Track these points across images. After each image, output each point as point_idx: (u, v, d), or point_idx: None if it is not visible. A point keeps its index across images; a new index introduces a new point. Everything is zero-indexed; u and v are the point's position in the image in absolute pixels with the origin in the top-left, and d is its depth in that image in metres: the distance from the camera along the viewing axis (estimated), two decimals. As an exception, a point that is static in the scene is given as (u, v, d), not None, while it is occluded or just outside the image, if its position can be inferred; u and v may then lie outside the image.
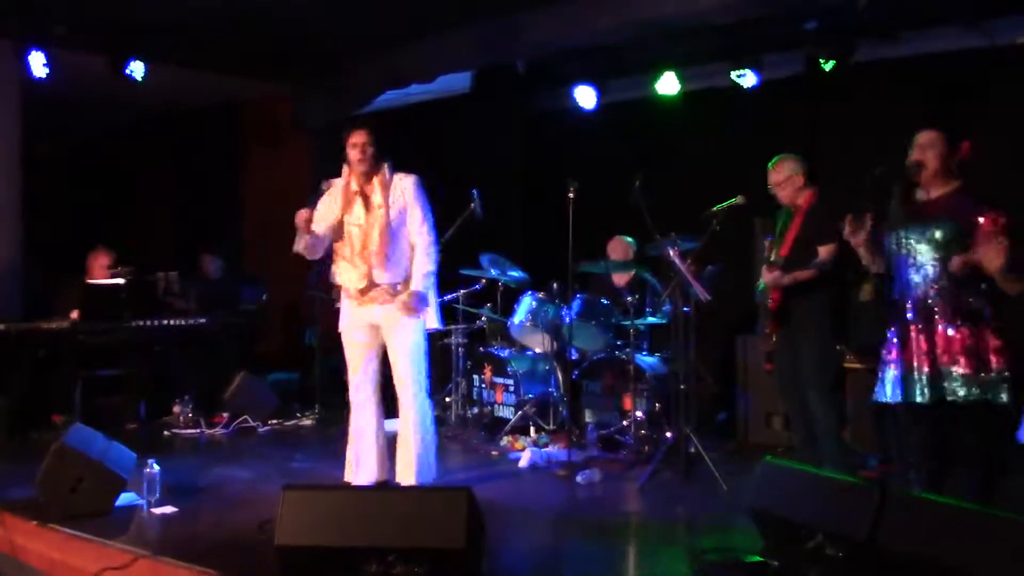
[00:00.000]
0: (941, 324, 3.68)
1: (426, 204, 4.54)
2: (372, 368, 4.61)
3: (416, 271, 4.48)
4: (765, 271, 4.72)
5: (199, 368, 7.10)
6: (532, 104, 8.59)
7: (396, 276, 4.46)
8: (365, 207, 4.48)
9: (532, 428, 6.21)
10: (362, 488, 4.42)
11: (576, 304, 6.02)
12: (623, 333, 6.02)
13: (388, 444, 4.70)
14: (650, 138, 7.68)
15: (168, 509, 4.29)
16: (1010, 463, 3.94)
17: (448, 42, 7.18)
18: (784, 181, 4.74)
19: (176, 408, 6.72)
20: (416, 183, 4.53)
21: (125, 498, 4.34)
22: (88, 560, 3.73)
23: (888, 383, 3.80)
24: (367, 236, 4.45)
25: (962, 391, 3.62)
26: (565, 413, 6.04)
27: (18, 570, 4.01)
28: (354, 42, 7.48)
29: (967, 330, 3.64)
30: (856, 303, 5.20)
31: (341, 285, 4.61)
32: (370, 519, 3.21)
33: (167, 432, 6.51)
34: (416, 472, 4.49)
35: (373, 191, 4.48)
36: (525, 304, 6.38)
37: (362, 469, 4.65)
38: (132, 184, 10.64)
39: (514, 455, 5.71)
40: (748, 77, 6.80)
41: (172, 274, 6.98)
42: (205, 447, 6.22)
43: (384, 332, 4.53)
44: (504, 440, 6.08)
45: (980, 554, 2.78)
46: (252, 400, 6.89)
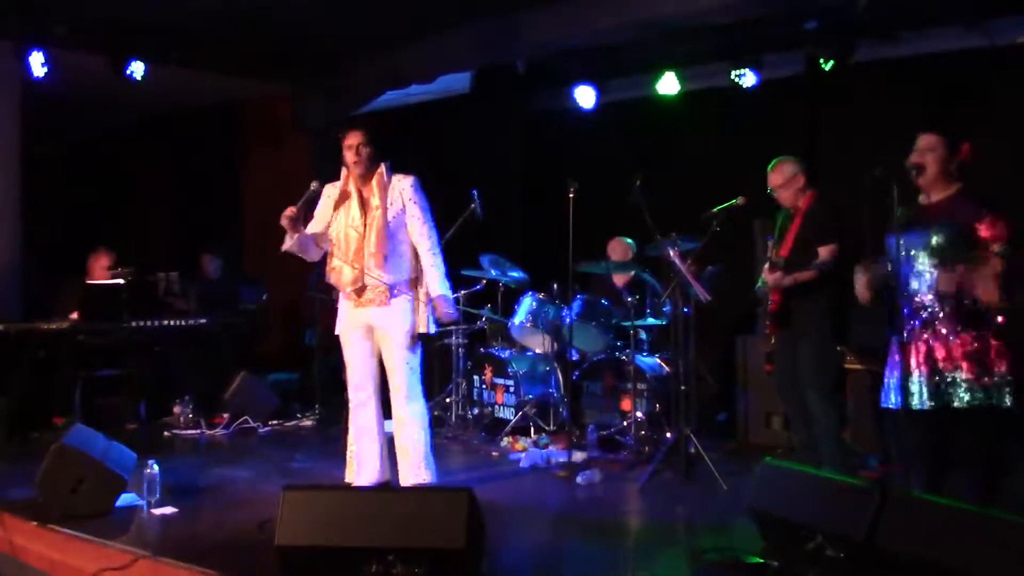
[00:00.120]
0: (943, 329, 3.68)
1: (425, 205, 4.51)
2: (371, 369, 4.60)
3: (431, 277, 4.45)
4: (766, 272, 4.72)
5: (199, 368, 7.10)
6: (532, 104, 8.59)
7: (392, 278, 4.45)
8: (362, 208, 4.47)
9: (532, 429, 6.21)
10: (362, 488, 4.42)
11: (576, 305, 6.02)
12: (623, 334, 6.02)
13: (387, 444, 4.70)
14: (650, 138, 7.68)
15: (168, 509, 4.29)
16: (1010, 463, 3.95)
17: (448, 42, 7.18)
18: (786, 183, 4.73)
19: (176, 408, 6.73)
20: (414, 184, 4.51)
21: (125, 498, 4.34)
22: (88, 560, 3.73)
23: (892, 389, 3.80)
24: (364, 237, 4.43)
25: (966, 396, 3.61)
26: (565, 414, 6.04)
27: (18, 570, 4.01)
28: (354, 42, 7.48)
29: (969, 335, 3.63)
30: (856, 304, 5.19)
31: (335, 285, 4.60)
32: (370, 519, 3.20)
33: (167, 432, 6.51)
34: (414, 473, 4.49)
35: (371, 193, 4.46)
36: (525, 305, 6.38)
37: (363, 470, 4.64)
38: (132, 184, 10.64)
39: (514, 456, 5.71)
40: (748, 77, 6.80)
41: (172, 274, 6.99)
42: (205, 447, 6.22)
43: (379, 334, 4.52)
44: (504, 441, 6.08)
45: (980, 555, 2.78)
46: (252, 400, 6.89)
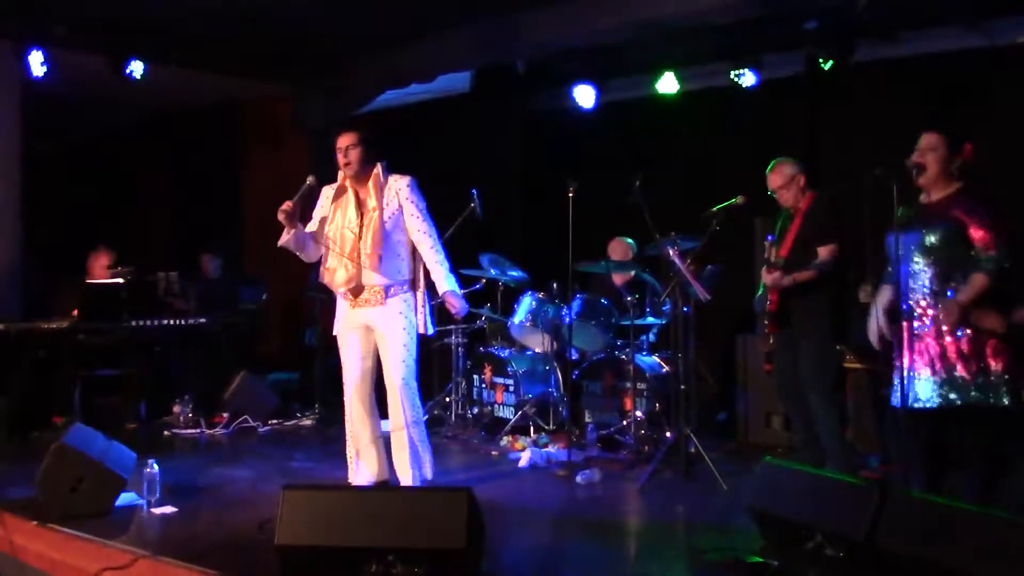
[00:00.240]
0: (941, 328, 3.69)
1: (423, 204, 4.51)
2: (368, 369, 4.60)
3: (436, 275, 4.46)
4: (765, 272, 4.72)
5: (199, 368, 7.10)
6: (532, 104, 8.59)
7: (388, 278, 4.44)
8: (359, 209, 4.47)
9: (532, 428, 6.20)
10: (362, 488, 4.41)
11: (576, 304, 6.02)
12: (623, 333, 6.02)
13: (386, 444, 4.70)
14: (650, 138, 7.68)
15: (168, 509, 4.29)
16: (1010, 463, 3.95)
17: (448, 42, 7.18)
18: (786, 183, 4.72)
19: (176, 408, 6.72)
20: (411, 184, 4.51)
21: (125, 498, 4.33)
22: (88, 560, 3.72)
23: (897, 388, 3.80)
24: (360, 238, 4.43)
25: (963, 395, 3.62)
26: (565, 413, 6.04)
27: (18, 570, 4.01)
28: (354, 42, 7.48)
29: (967, 334, 3.64)
30: (856, 304, 5.19)
31: (328, 286, 4.60)
32: (370, 519, 3.21)
33: (167, 432, 6.50)
34: (411, 472, 4.49)
35: (367, 193, 4.47)
36: (525, 304, 6.38)
37: (362, 469, 4.65)
38: (132, 184, 10.64)
39: (514, 455, 5.71)
40: (748, 77, 6.79)
41: (172, 274, 6.98)
42: (205, 447, 6.22)
43: (376, 334, 4.52)
44: (504, 440, 6.08)
45: (980, 555, 2.79)
46: (252, 400, 6.88)
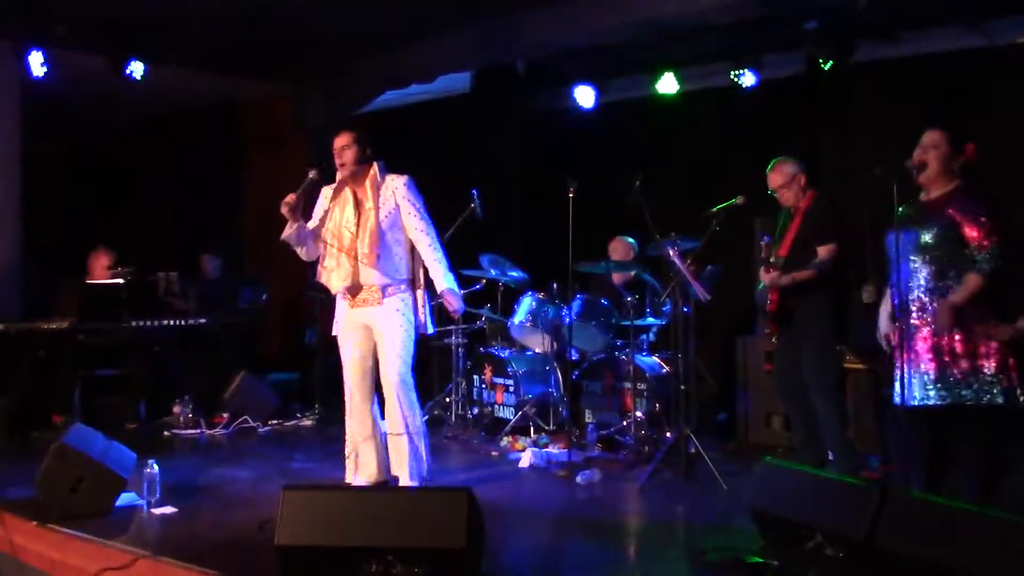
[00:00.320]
0: (936, 327, 3.69)
1: (420, 202, 4.50)
2: (368, 368, 4.60)
3: (434, 273, 4.47)
4: (763, 272, 4.71)
5: (199, 368, 7.10)
6: (532, 104, 8.59)
7: (386, 277, 4.45)
8: (356, 209, 4.48)
9: (532, 428, 6.20)
10: (362, 488, 4.42)
11: (576, 304, 6.02)
12: (623, 333, 6.02)
13: (386, 444, 4.70)
14: (650, 138, 7.68)
15: (168, 509, 4.29)
16: (1010, 463, 3.94)
17: (448, 42, 7.18)
18: (787, 183, 4.72)
19: (176, 408, 6.72)
20: (408, 183, 4.51)
21: (125, 498, 4.33)
22: (88, 560, 3.72)
23: (896, 386, 3.81)
24: (357, 238, 4.45)
25: (955, 394, 3.63)
26: (565, 413, 6.03)
27: (18, 570, 4.01)
28: (354, 42, 7.48)
29: (962, 334, 3.64)
30: (856, 303, 5.19)
31: (325, 285, 4.61)
32: (370, 519, 3.20)
33: (167, 432, 6.50)
34: (409, 471, 4.49)
35: (364, 193, 4.49)
36: (525, 304, 6.38)
37: (362, 469, 4.65)
38: (132, 184, 10.63)
39: (514, 455, 5.71)
40: (748, 77, 6.79)
41: (172, 274, 6.98)
42: (205, 447, 6.22)
43: (374, 333, 4.52)
44: (504, 440, 6.08)
45: (980, 555, 2.79)
46: (252, 400, 6.88)
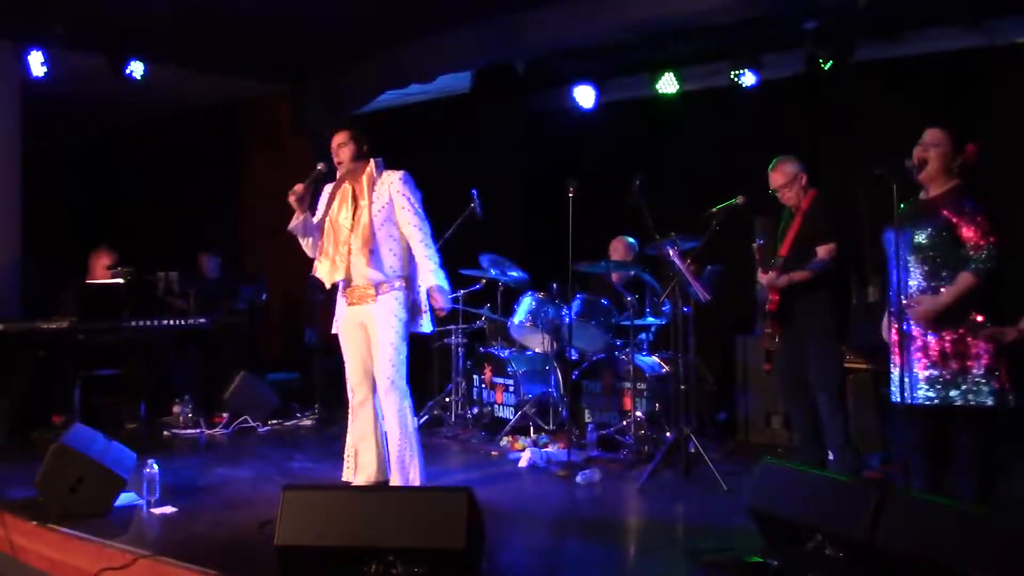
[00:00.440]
0: (928, 327, 3.69)
1: (414, 198, 4.49)
2: (368, 368, 4.60)
3: (423, 269, 4.45)
4: (760, 274, 4.69)
5: (199, 368, 7.10)
6: (532, 104, 8.59)
7: (379, 274, 4.45)
8: (353, 204, 4.51)
9: (532, 428, 6.21)
10: (362, 488, 4.41)
11: (576, 304, 6.02)
12: (623, 333, 6.02)
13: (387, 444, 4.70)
14: (650, 138, 7.68)
15: (168, 509, 4.29)
16: (1006, 464, 3.94)
17: (448, 42, 7.17)
18: (788, 183, 4.69)
19: (176, 408, 6.72)
20: (403, 178, 4.50)
21: (125, 498, 4.33)
22: (88, 560, 3.72)
23: (893, 384, 3.81)
24: (352, 232, 4.46)
25: (944, 394, 3.63)
26: (565, 413, 6.03)
27: (18, 570, 4.01)
28: (354, 42, 7.47)
29: (952, 334, 3.64)
30: (856, 303, 5.19)
31: (321, 278, 4.64)
32: (370, 519, 3.20)
33: (167, 432, 6.51)
34: (398, 476, 4.47)
35: (361, 189, 4.51)
36: (525, 304, 6.38)
37: (362, 469, 4.64)
38: (132, 184, 10.62)
39: (514, 455, 5.71)
40: (748, 77, 6.77)
41: (172, 274, 6.98)
42: (205, 447, 6.22)
43: (369, 331, 4.52)
44: (504, 440, 6.08)
45: (980, 554, 2.78)
46: (252, 400, 6.89)
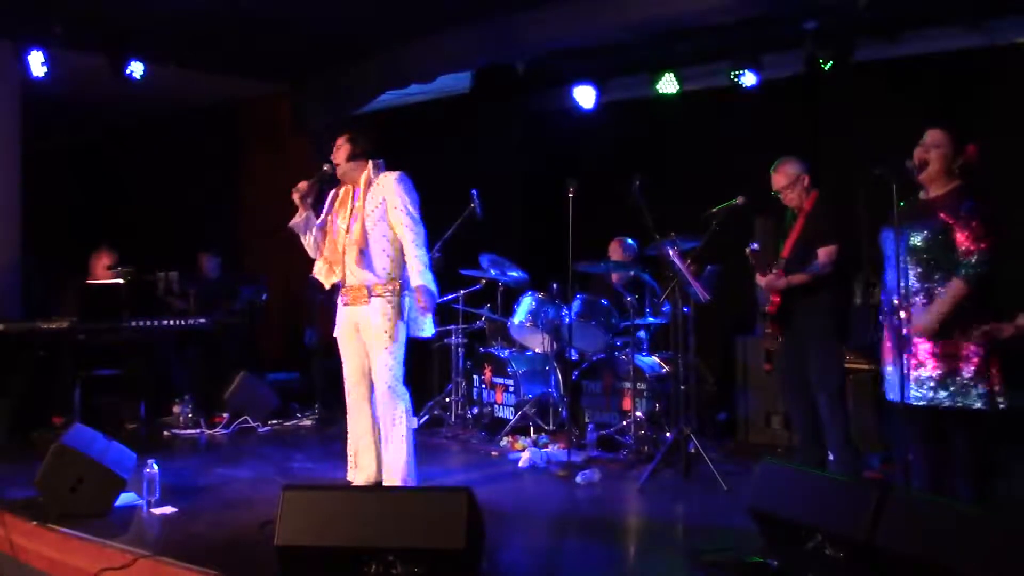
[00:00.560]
0: (915, 328, 3.70)
1: (409, 198, 4.47)
2: (366, 369, 4.60)
3: (411, 268, 4.42)
4: (758, 277, 4.68)
5: (199, 368, 7.10)
6: (532, 104, 8.59)
7: (372, 276, 4.45)
8: (350, 206, 4.53)
9: (532, 428, 6.21)
10: (362, 488, 4.42)
11: (576, 304, 6.02)
12: (623, 333, 6.02)
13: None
14: (650, 138, 7.68)
15: (168, 509, 4.29)
16: (1005, 465, 3.94)
17: (448, 42, 7.17)
18: (790, 184, 4.66)
19: (176, 408, 6.72)
20: (399, 178, 4.49)
21: (125, 498, 4.33)
22: (88, 560, 3.72)
23: (890, 384, 3.82)
24: (348, 232, 4.48)
25: (934, 396, 3.64)
26: (565, 413, 6.04)
27: (18, 570, 4.01)
28: (354, 42, 7.48)
29: (944, 336, 3.64)
30: (856, 303, 5.19)
31: (318, 277, 4.67)
32: (370, 519, 3.20)
33: (167, 432, 6.51)
34: (393, 472, 4.47)
35: (359, 191, 4.52)
36: (525, 304, 6.38)
37: (360, 469, 4.65)
38: (131, 184, 10.63)
39: (514, 455, 5.71)
40: (748, 77, 6.78)
41: (172, 274, 6.98)
42: (205, 447, 6.23)
43: (363, 333, 4.53)
44: (504, 440, 6.08)
45: (979, 555, 2.78)
46: (252, 400, 6.89)
